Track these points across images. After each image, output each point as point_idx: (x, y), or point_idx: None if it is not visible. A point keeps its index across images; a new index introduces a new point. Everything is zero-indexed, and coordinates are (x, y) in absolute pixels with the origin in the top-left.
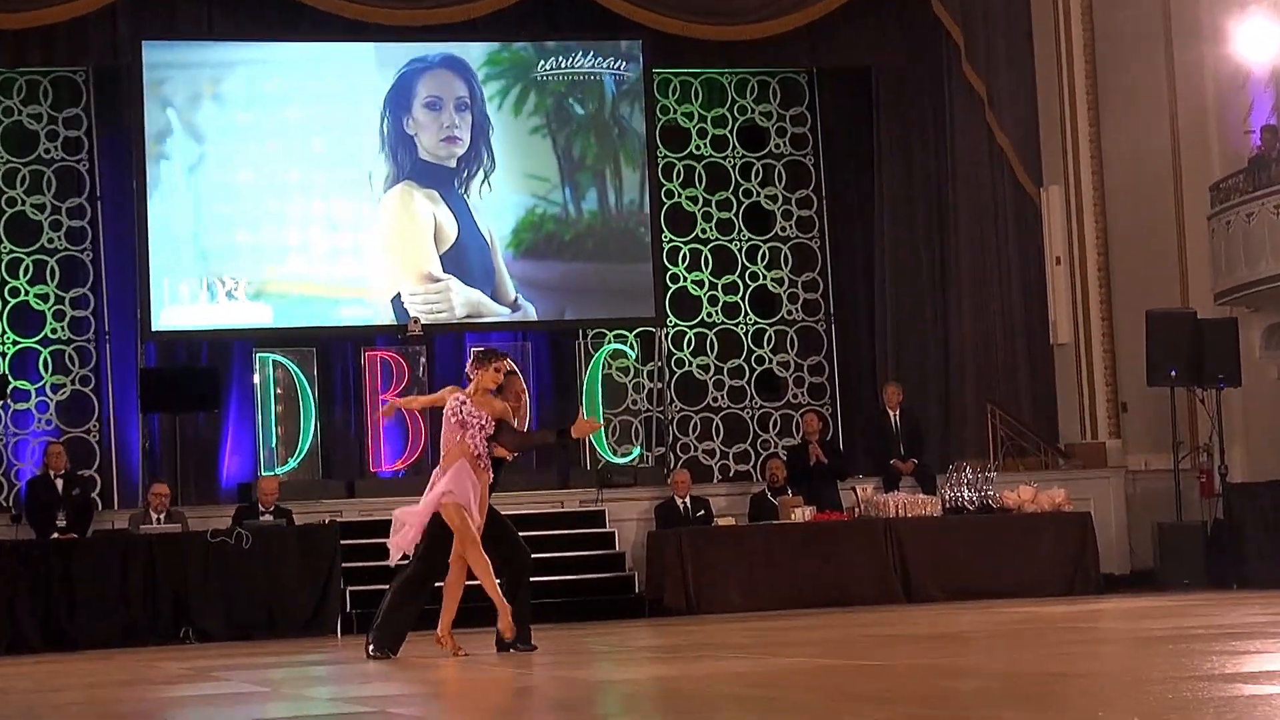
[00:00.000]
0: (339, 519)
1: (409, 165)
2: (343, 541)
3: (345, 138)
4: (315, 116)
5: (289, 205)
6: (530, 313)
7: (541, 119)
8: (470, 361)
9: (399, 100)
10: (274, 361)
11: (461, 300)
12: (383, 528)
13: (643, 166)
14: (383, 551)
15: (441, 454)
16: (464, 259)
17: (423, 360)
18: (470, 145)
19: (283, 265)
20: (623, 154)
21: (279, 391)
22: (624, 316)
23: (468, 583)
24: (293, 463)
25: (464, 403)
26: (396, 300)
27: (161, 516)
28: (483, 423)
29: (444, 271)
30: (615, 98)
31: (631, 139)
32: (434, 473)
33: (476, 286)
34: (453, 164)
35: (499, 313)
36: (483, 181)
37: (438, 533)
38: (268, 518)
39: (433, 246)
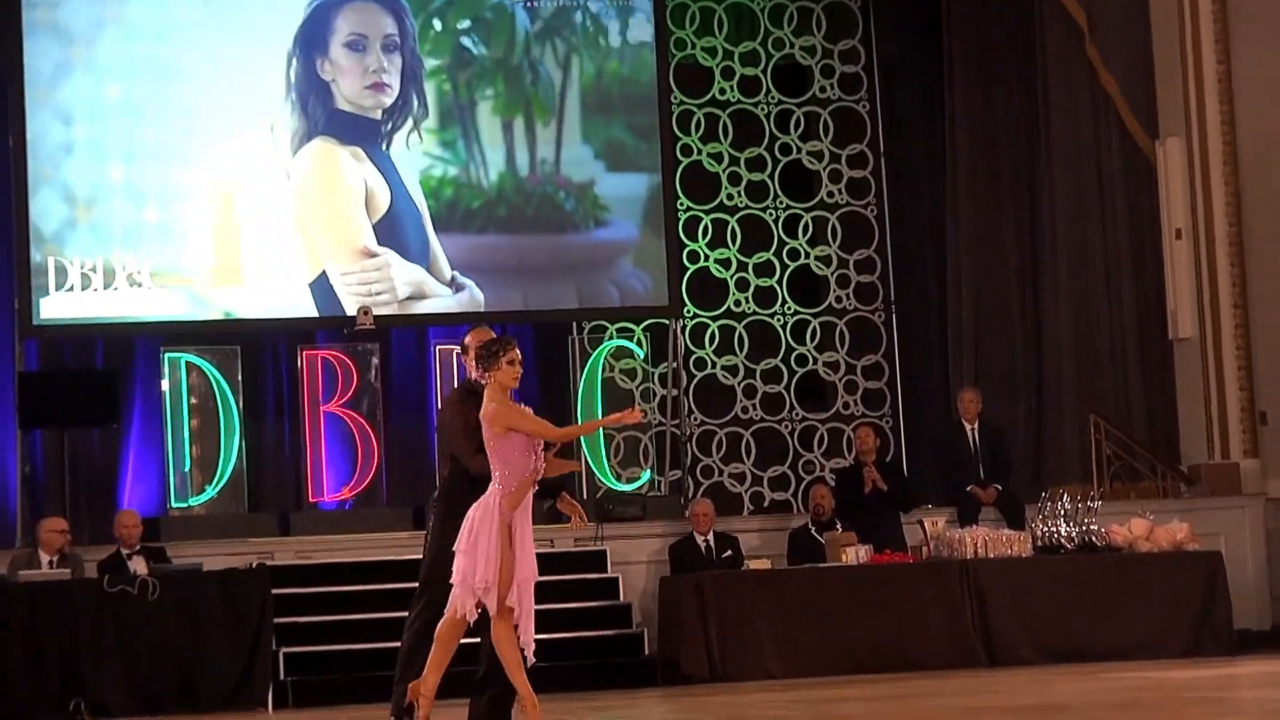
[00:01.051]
0: (270, 562)
1: (323, 118)
2: (275, 591)
3: (246, 84)
4: (211, 58)
5: (195, 169)
6: (474, 293)
7: (440, 61)
8: (475, 360)
9: (312, 39)
10: (187, 363)
11: (404, 279)
12: (323, 572)
13: (558, 119)
14: (325, 603)
15: (506, 484)
16: (398, 229)
17: (375, 361)
18: (399, 93)
19: (193, 243)
20: (535, 105)
21: (193, 401)
22: (629, 305)
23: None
24: (211, 491)
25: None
26: (320, 283)
27: (55, 559)
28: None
29: (379, 244)
30: (529, 35)
31: (545, 88)
32: (497, 504)
33: (415, 262)
34: (378, 115)
35: (440, 293)
36: (411, 130)
37: (446, 564)
38: (136, 561)
39: (365, 216)
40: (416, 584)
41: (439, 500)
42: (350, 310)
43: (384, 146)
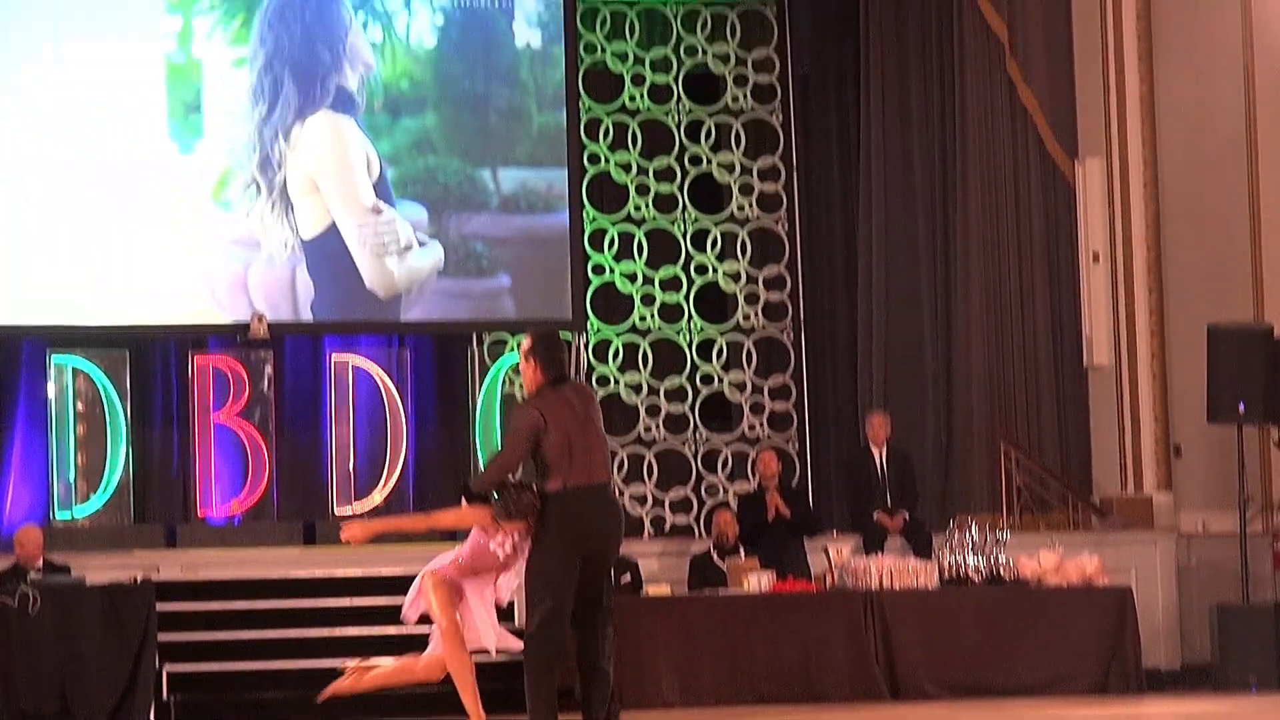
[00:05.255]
0: (155, 576)
1: (322, 92)
2: (159, 606)
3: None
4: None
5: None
6: (439, 249)
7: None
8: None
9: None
10: (74, 368)
11: (405, 232)
12: (210, 589)
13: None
14: (212, 620)
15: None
16: (385, 190)
17: (268, 370)
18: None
19: (87, 243)
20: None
21: (80, 407)
22: (530, 318)
23: None
24: (96, 502)
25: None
26: (324, 239)
27: None
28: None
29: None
30: None
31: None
32: None
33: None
34: (355, 88)
35: (415, 246)
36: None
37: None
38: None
39: (367, 177)
40: (314, 602)
41: None
42: (368, 273)
43: (359, 117)
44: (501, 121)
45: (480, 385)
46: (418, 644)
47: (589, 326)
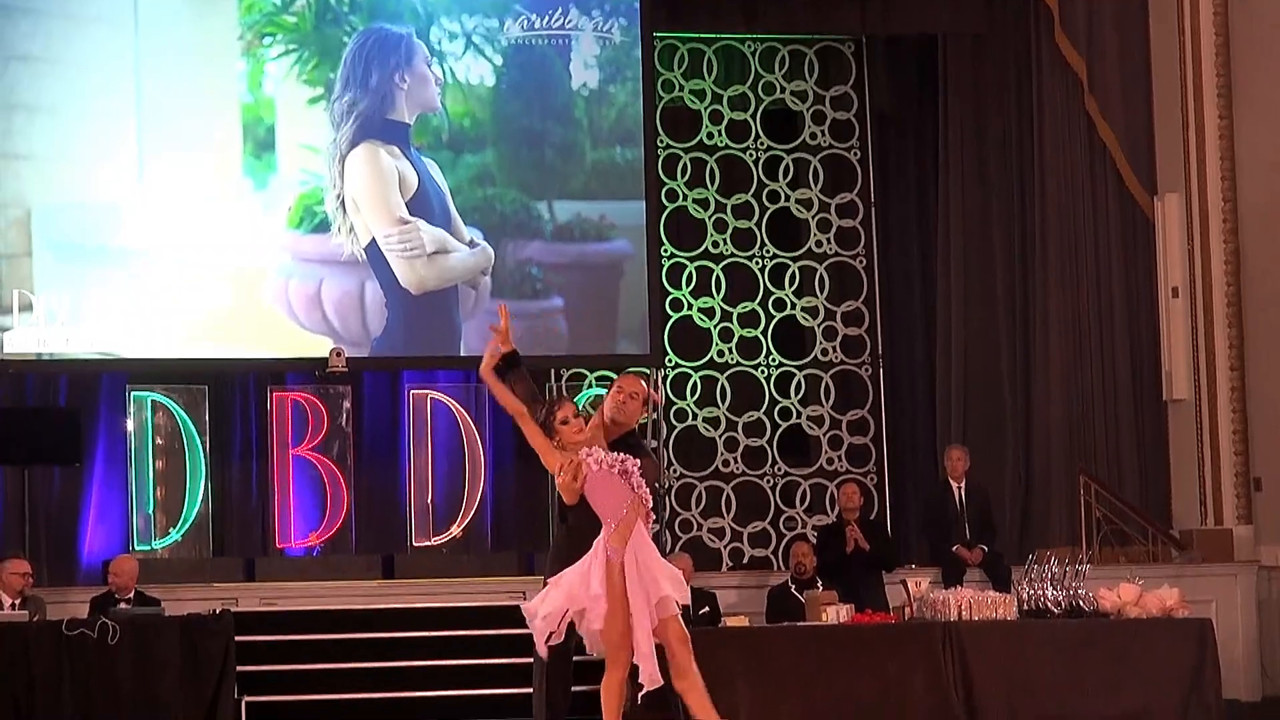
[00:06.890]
0: (234, 608)
1: (370, 126)
2: (238, 638)
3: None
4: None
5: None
6: (486, 250)
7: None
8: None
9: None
10: (153, 402)
11: (430, 239)
12: (289, 620)
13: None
14: (290, 652)
15: (607, 523)
16: (425, 204)
17: (346, 404)
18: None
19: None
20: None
21: (159, 441)
22: (608, 353)
23: None
24: (175, 534)
25: (591, 452)
26: (372, 247)
27: (17, 602)
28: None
29: (410, 215)
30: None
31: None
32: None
33: (439, 225)
34: (411, 122)
35: (459, 249)
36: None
37: None
38: (125, 608)
39: (399, 195)
40: (392, 634)
41: None
42: (401, 275)
43: (410, 145)
44: (557, 156)
45: None
46: (491, 675)
47: (666, 361)
